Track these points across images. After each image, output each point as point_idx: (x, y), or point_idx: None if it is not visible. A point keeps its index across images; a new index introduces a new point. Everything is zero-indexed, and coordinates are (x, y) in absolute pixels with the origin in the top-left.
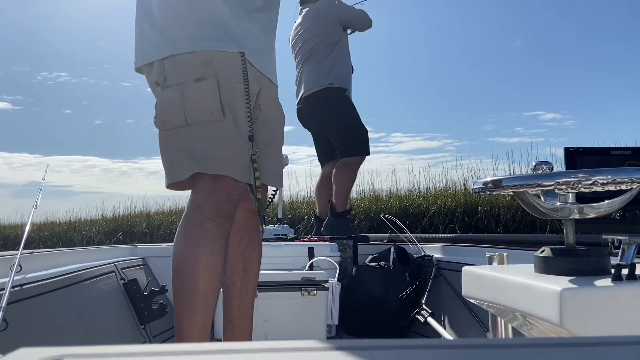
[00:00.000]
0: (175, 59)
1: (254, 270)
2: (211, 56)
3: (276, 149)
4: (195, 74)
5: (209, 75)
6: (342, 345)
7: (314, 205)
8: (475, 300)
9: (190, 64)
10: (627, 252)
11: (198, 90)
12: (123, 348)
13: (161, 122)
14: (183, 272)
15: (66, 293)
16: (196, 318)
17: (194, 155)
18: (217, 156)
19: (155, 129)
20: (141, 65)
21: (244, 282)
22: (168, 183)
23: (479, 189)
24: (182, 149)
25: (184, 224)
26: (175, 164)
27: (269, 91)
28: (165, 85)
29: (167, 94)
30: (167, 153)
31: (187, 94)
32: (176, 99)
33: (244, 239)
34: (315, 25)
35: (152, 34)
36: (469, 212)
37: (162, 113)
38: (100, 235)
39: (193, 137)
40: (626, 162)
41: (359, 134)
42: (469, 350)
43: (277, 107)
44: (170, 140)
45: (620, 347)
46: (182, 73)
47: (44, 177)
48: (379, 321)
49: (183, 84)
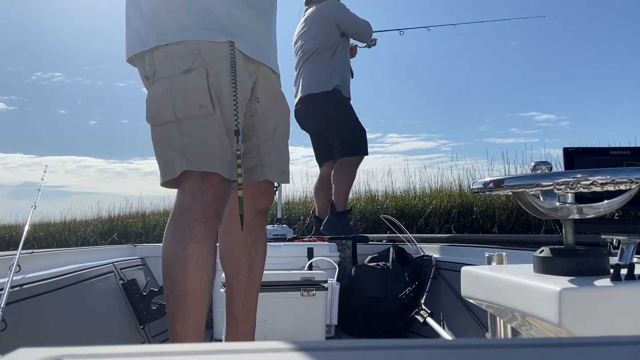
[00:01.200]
0: (164, 50)
1: (259, 269)
2: (199, 46)
3: (279, 142)
4: (184, 65)
5: (198, 66)
6: (341, 345)
7: (311, 205)
8: (474, 300)
9: (179, 54)
10: (626, 252)
11: (186, 82)
12: (122, 348)
13: (152, 118)
14: (173, 275)
15: (65, 293)
16: (189, 320)
17: (184, 152)
18: (205, 152)
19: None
20: (131, 55)
21: (249, 280)
22: (162, 181)
23: (479, 189)
24: (173, 146)
25: (171, 225)
26: (168, 161)
27: (268, 80)
28: (155, 78)
29: (156, 87)
30: (159, 150)
31: (176, 87)
32: (165, 93)
33: (250, 238)
34: (315, 26)
35: (140, 25)
36: (464, 213)
37: (152, 108)
38: (95, 236)
39: (183, 133)
40: (625, 162)
41: (358, 134)
42: (468, 351)
43: (278, 97)
44: (162, 137)
45: (619, 347)
46: (170, 65)
47: (42, 178)
48: (378, 321)
49: (171, 77)
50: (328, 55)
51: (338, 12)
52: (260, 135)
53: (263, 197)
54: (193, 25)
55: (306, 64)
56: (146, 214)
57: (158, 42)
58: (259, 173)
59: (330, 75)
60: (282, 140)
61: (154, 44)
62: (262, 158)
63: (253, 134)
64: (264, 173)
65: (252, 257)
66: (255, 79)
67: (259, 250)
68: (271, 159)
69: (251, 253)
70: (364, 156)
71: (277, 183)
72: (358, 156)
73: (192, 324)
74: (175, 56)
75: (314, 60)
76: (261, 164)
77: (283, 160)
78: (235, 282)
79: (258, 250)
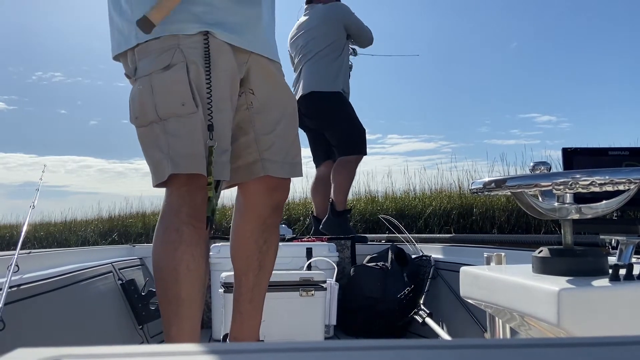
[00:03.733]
0: (143, 46)
1: (269, 267)
2: (178, 40)
3: (283, 134)
4: (163, 62)
5: (178, 61)
6: (340, 345)
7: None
8: (473, 300)
9: (157, 50)
10: (624, 252)
11: (167, 79)
12: (121, 348)
13: (135, 119)
14: (165, 279)
15: (64, 293)
16: (183, 324)
17: (169, 154)
18: (191, 154)
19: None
20: (115, 54)
21: (258, 278)
22: (154, 183)
23: (478, 189)
24: (159, 147)
25: (160, 227)
26: (156, 163)
27: (264, 70)
28: (136, 76)
29: (137, 86)
30: (147, 151)
31: (156, 85)
32: (146, 92)
33: (262, 236)
34: (323, 26)
35: (121, 22)
36: (464, 214)
37: (135, 108)
38: (95, 236)
39: (167, 133)
40: (624, 162)
41: (358, 133)
42: (467, 351)
43: (279, 87)
44: (148, 138)
45: (618, 347)
46: (149, 62)
47: (41, 178)
48: (377, 321)
49: (151, 74)
50: (334, 55)
51: (347, 14)
52: (258, 129)
53: (275, 192)
54: (169, 18)
55: (309, 63)
56: (146, 214)
57: (138, 40)
58: (258, 168)
59: (337, 76)
60: (288, 132)
61: (134, 41)
62: (261, 153)
63: (250, 128)
64: (265, 168)
65: (264, 255)
66: (248, 69)
67: (271, 249)
68: (272, 153)
69: (262, 251)
70: (362, 156)
71: (286, 177)
72: (357, 155)
73: (186, 327)
74: (154, 52)
75: (319, 60)
76: (261, 158)
77: (291, 153)
78: (244, 279)
79: (270, 248)
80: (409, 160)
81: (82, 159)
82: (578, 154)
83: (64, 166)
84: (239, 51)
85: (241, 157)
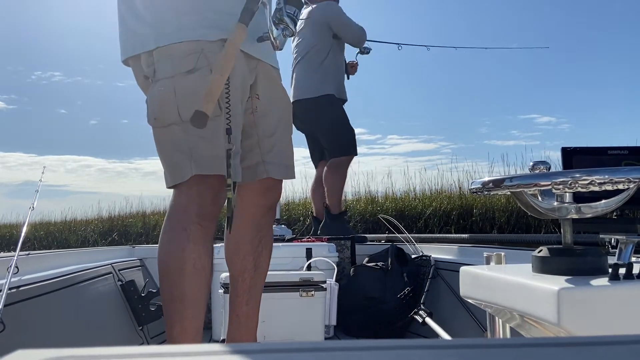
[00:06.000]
0: (164, 49)
1: (264, 267)
2: (202, 45)
3: (281, 138)
4: (187, 65)
5: (202, 66)
6: (340, 345)
7: (310, 206)
8: (473, 300)
9: (181, 54)
10: (624, 251)
11: (191, 82)
12: (121, 349)
13: (154, 120)
14: (170, 278)
15: (63, 295)
16: (187, 324)
17: (192, 155)
18: (214, 155)
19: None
20: (129, 56)
21: (254, 279)
22: (170, 184)
23: (477, 189)
24: (179, 148)
25: (167, 226)
26: (176, 165)
27: (268, 76)
28: (155, 78)
29: (157, 88)
30: (165, 152)
31: (180, 88)
32: (168, 94)
33: (257, 236)
34: (308, 27)
35: (137, 25)
36: (464, 215)
37: (155, 109)
38: (95, 236)
39: (189, 134)
40: (623, 161)
41: (346, 134)
42: (467, 350)
43: (279, 92)
44: (167, 139)
45: (617, 347)
46: (172, 65)
47: (40, 179)
48: (377, 321)
49: (174, 77)
50: (319, 59)
51: (332, 13)
52: (261, 132)
53: (270, 193)
54: (192, 24)
55: (299, 65)
56: (146, 214)
57: (157, 44)
58: (261, 170)
59: (322, 81)
60: (284, 135)
61: (153, 45)
62: (263, 155)
63: (254, 131)
64: (267, 170)
65: (259, 256)
66: (256, 76)
67: (266, 249)
68: (273, 156)
69: (258, 251)
70: (353, 156)
71: (284, 179)
72: (347, 156)
73: (189, 327)
74: (177, 56)
75: (305, 64)
76: (263, 161)
77: (286, 156)
78: (240, 281)
79: (265, 249)
80: (409, 161)
81: (82, 159)
82: (577, 153)
83: (63, 166)
84: (249, 58)
85: (245, 159)
